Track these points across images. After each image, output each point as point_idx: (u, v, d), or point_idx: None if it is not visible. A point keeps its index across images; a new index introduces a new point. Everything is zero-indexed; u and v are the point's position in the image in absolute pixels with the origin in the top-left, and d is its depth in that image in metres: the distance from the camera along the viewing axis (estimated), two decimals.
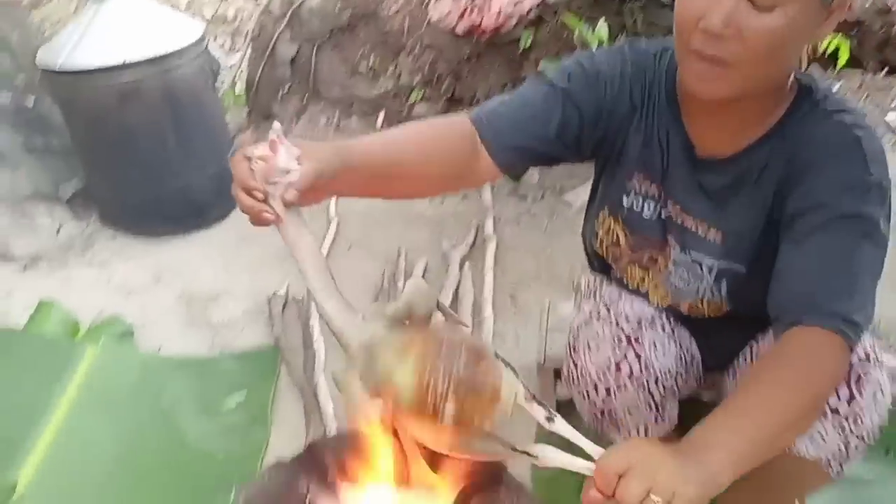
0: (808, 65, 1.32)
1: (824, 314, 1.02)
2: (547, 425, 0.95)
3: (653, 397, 1.37)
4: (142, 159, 2.70)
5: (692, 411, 1.82)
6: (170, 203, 2.78)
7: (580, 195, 2.81)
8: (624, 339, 1.34)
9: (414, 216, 2.87)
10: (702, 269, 1.30)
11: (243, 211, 1.01)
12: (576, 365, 1.39)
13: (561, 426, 0.95)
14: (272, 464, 1.29)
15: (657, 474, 0.84)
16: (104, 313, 2.38)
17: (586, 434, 0.94)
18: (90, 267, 2.67)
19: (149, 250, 2.75)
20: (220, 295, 2.50)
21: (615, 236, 1.38)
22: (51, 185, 2.92)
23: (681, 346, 1.41)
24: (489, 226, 2.68)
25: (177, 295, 2.51)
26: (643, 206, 1.33)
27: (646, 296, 1.43)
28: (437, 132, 1.22)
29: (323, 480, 1.26)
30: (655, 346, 1.35)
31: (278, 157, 0.96)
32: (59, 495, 1.78)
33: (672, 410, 1.43)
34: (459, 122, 1.24)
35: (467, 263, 2.51)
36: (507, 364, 0.95)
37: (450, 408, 0.91)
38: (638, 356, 1.34)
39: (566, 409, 1.87)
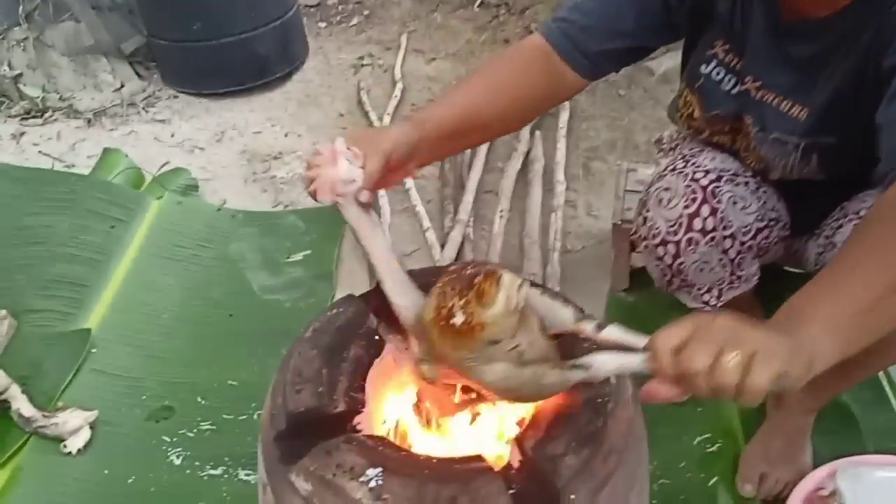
0: None
1: None
2: (597, 334, 0.89)
3: (727, 254, 1.28)
4: (204, 11, 2.60)
5: (773, 280, 1.73)
6: (231, 60, 2.69)
7: (663, 63, 2.63)
8: (699, 192, 1.25)
9: None
10: (786, 148, 1.20)
11: None
12: (646, 220, 1.31)
13: (614, 332, 0.88)
14: (342, 298, 1.24)
15: (726, 335, 0.72)
16: (168, 166, 2.35)
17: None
18: (153, 124, 2.63)
19: (211, 110, 2.69)
20: (284, 153, 2.45)
21: (690, 109, 1.30)
22: (113, 42, 2.86)
23: (765, 204, 1.31)
24: None
25: (239, 152, 2.47)
26: (722, 78, 1.23)
27: (736, 154, 1.33)
28: (512, 67, 1.17)
29: (392, 318, 1.22)
30: (734, 202, 1.27)
31: (339, 170, 1.01)
32: (129, 338, 1.79)
33: (750, 269, 1.33)
34: (532, 45, 1.18)
35: (538, 131, 2.39)
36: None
37: (457, 307, 0.88)
38: (713, 210, 1.25)
39: (640, 278, 1.79)
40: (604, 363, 0.87)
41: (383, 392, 1.18)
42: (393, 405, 1.18)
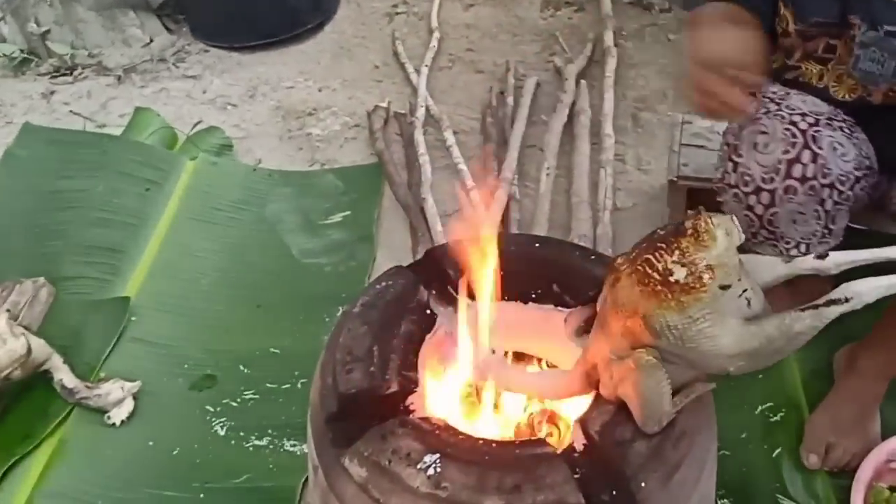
0: None
1: None
2: (821, 266, 0.82)
3: (823, 206, 1.18)
4: None
5: None
6: (262, 11, 2.59)
7: None
8: (799, 136, 1.14)
9: (524, 28, 2.61)
10: None
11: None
12: (736, 167, 1.20)
13: (842, 256, 0.81)
14: (390, 270, 1.18)
15: None
16: (202, 125, 2.28)
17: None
18: (184, 80, 2.56)
19: (242, 64, 2.61)
20: (318, 109, 2.36)
21: (785, 23, 1.20)
22: None
23: (861, 151, 1.21)
24: (609, 38, 2.40)
25: (273, 108, 2.39)
26: None
27: (824, 92, 1.23)
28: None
29: (443, 290, 1.16)
30: (834, 148, 1.16)
31: None
32: (169, 305, 1.75)
33: (841, 224, 1.23)
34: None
35: (583, 81, 2.27)
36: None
37: (672, 263, 0.80)
38: (815, 156, 1.14)
39: None
40: (867, 289, 0.78)
41: (436, 369, 1.12)
42: (447, 383, 1.13)
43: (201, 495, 1.40)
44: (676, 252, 0.80)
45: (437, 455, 0.91)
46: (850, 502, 1.27)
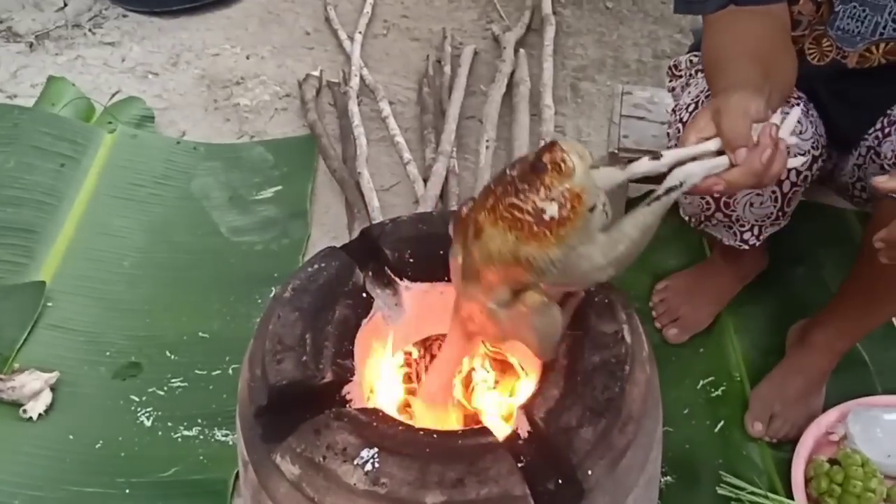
0: None
1: None
2: (655, 166, 0.83)
3: (781, 188, 1.18)
4: None
5: None
6: None
7: None
8: None
9: None
10: None
11: None
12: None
13: (673, 153, 0.83)
14: (323, 250, 1.12)
15: None
16: (120, 95, 2.15)
17: None
18: (101, 47, 2.40)
19: (164, 29, 2.46)
20: (246, 78, 2.25)
21: None
22: None
23: (816, 129, 1.20)
24: (547, 6, 2.35)
25: (198, 77, 2.27)
26: None
27: (800, 57, 1.19)
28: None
29: (380, 271, 1.10)
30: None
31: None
32: (88, 289, 1.64)
33: (794, 205, 1.22)
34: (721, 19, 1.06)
35: (522, 50, 2.22)
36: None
37: (541, 200, 0.78)
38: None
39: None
40: (692, 172, 0.82)
41: (373, 356, 1.07)
42: (384, 369, 1.08)
43: (127, 490, 1.32)
44: (542, 189, 0.78)
45: (375, 449, 0.86)
46: (791, 475, 1.27)
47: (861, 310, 1.28)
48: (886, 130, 1.19)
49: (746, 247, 1.26)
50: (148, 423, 1.42)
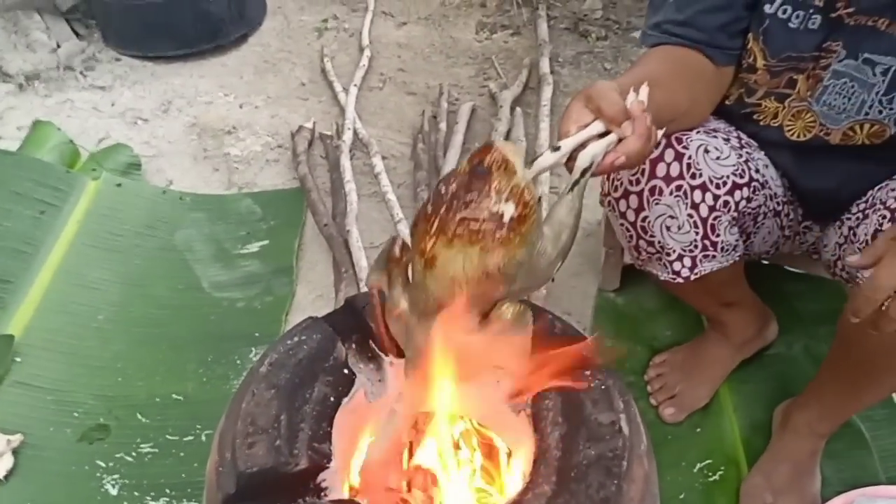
0: None
1: None
2: (557, 157, 0.83)
3: (698, 210, 1.13)
4: None
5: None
6: (181, 19, 2.43)
7: None
8: (664, 138, 1.12)
9: (458, 50, 2.52)
10: (874, 72, 1.07)
11: None
12: (608, 175, 1.19)
13: (568, 142, 0.83)
14: (304, 322, 1.06)
15: None
16: (107, 141, 2.11)
17: None
18: (92, 90, 2.37)
19: (157, 75, 2.43)
20: (238, 127, 2.22)
21: (752, 57, 1.14)
22: None
23: (747, 163, 1.17)
24: (545, 65, 2.33)
25: (188, 125, 2.23)
26: (792, 14, 1.08)
27: (777, 132, 1.19)
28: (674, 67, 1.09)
29: (364, 346, 1.04)
30: (706, 150, 1.12)
31: None
32: (59, 344, 1.57)
33: (728, 237, 1.18)
34: (661, 54, 1.11)
35: (518, 108, 2.19)
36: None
37: (496, 204, 0.77)
38: (679, 155, 1.11)
39: (634, 277, 1.64)
40: (595, 153, 0.83)
41: (354, 439, 1.00)
42: (366, 455, 1.01)
43: None
44: (493, 193, 0.76)
45: None
46: None
47: (840, 395, 1.24)
48: (866, 212, 1.15)
49: (680, 279, 1.20)
50: (114, 492, 1.34)
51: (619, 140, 0.84)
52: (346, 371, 1.01)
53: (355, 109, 2.21)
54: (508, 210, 0.76)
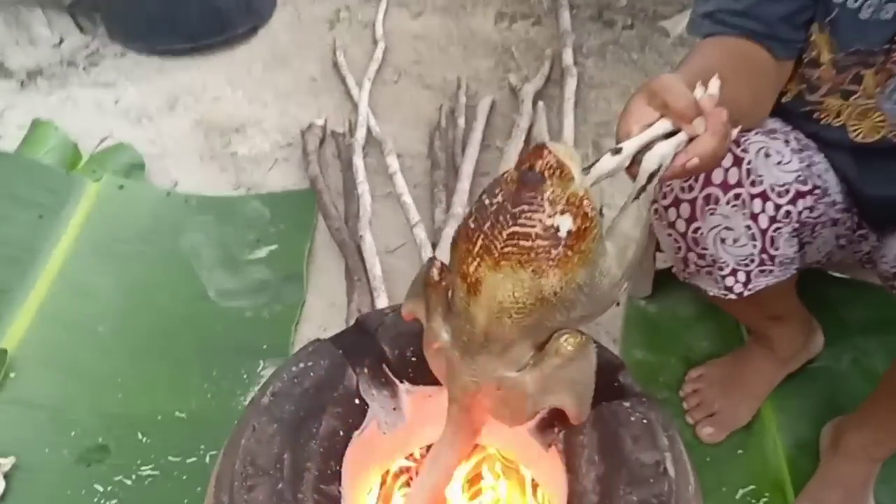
0: None
1: None
2: (619, 161, 0.73)
3: (757, 221, 1.01)
4: None
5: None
6: (188, 12, 2.33)
7: (678, 23, 2.33)
8: None
9: (477, 41, 2.41)
10: None
11: None
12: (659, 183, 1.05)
13: (631, 143, 0.73)
14: (310, 345, 0.96)
15: None
16: (110, 140, 2.01)
17: None
18: (95, 87, 2.28)
19: (163, 70, 2.34)
20: (246, 125, 2.12)
21: (816, 52, 1.03)
22: None
23: (810, 167, 1.05)
24: (568, 57, 2.21)
25: (195, 123, 2.13)
26: (863, 4, 0.97)
27: (840, 132, 1.08)
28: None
29: (376, 370, 0.94)
30: (766, 154, 1.01)
31: None
32: (56, 358, 1.49)
33: (787, 250, 1.06)
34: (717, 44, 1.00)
35: (541, 102, 2.08)
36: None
37: (552, 214, 0.65)
38: (737, 160, 1.00)
39: (667, 283, 1.53)
40: (664, 153, 0.73)
41: (365, 475, 0.91)
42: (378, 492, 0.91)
43: None
44: (546, 204, 0.65)
45: None
46: None
47: None
48: None
49: (733, 296, 1.08)
50: None
51: (690, 139, 0.74)
52: (356, 401, 0.91)
53: (369, 105, 2.10)
54: (565, 224, 0.65)
